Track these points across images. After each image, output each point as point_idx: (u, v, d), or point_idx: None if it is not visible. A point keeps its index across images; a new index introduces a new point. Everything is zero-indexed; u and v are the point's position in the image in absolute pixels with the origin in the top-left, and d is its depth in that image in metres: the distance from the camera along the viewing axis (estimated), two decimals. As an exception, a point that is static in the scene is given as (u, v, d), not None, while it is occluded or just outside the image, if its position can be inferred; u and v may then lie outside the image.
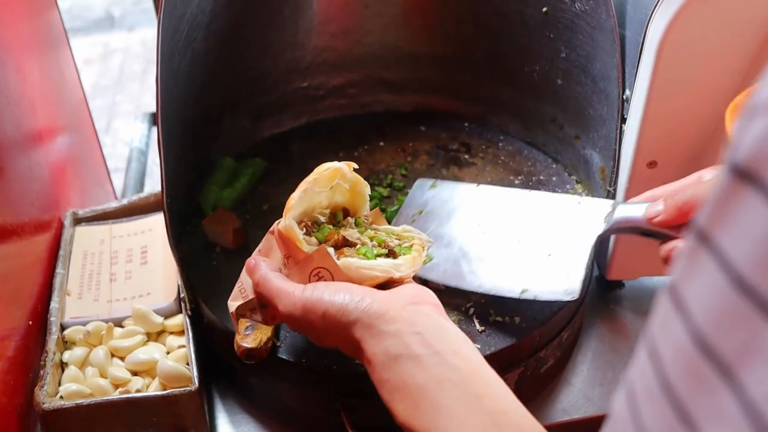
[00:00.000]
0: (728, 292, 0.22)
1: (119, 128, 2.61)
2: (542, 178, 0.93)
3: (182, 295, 0.76)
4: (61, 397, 0.70)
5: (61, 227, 0.91)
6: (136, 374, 0.73)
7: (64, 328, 0.77)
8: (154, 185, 1.52)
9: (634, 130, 0.74)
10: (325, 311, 0.54)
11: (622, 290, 0.89)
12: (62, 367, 0.74)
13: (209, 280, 0.77)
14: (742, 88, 0.69)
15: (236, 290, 0.65)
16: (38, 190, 0.87)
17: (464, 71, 1.02)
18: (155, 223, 0.90)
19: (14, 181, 0.79)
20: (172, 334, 0.77)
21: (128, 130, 2.32)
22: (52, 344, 0.73)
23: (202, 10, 0.81)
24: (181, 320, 0.77)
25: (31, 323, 0.75)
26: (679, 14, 0.65)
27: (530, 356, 0.71)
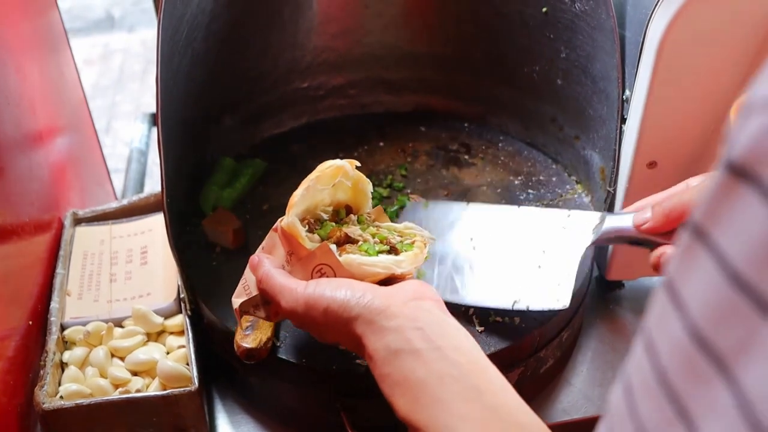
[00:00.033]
0: (724, 288, 0.22)
1: (119, 128, 2.61)
2: (542, 178, 0.93)
3: (182, 295, 0.76)
4: (61, 397, 0.70)
5: (61, 227, 0.91)
6: (136, 374, 0.73)
7: (64, 328, 0.77)
8: (154, 185, 1.52)
9: (634, 130, 0.74)
10: (326, 307, 0.55)
11: (621, 290, 0.89)
12: (62, 367, 0.74)
13: (209, 280, 0.77)
14: (742, 88, 0.69)
15: (240, 287, 0.65)
16: (38, 190, 0.87)
17: (464, 71, 1.02)
18: (155, 223, 0.90)
19: (14, 181, 0.79)
20: (172, 334, 0.77)
21: (128, 130, 2.32)
22: (52, 344, 0.74)
23: (202, 10, 0.81)
24: (181, 320, 0.77)
25: (31, 323, 0.75)
26: (679, 14, 0.65)
27: (530, 356, 0.71)
